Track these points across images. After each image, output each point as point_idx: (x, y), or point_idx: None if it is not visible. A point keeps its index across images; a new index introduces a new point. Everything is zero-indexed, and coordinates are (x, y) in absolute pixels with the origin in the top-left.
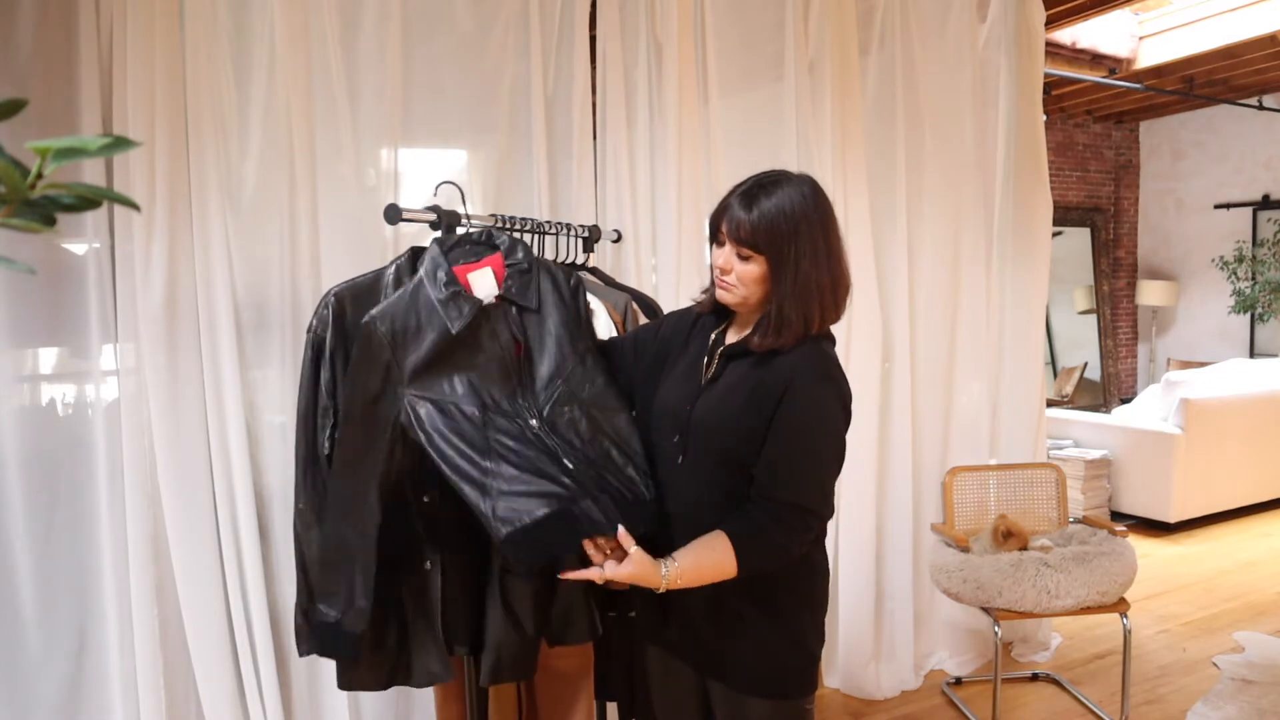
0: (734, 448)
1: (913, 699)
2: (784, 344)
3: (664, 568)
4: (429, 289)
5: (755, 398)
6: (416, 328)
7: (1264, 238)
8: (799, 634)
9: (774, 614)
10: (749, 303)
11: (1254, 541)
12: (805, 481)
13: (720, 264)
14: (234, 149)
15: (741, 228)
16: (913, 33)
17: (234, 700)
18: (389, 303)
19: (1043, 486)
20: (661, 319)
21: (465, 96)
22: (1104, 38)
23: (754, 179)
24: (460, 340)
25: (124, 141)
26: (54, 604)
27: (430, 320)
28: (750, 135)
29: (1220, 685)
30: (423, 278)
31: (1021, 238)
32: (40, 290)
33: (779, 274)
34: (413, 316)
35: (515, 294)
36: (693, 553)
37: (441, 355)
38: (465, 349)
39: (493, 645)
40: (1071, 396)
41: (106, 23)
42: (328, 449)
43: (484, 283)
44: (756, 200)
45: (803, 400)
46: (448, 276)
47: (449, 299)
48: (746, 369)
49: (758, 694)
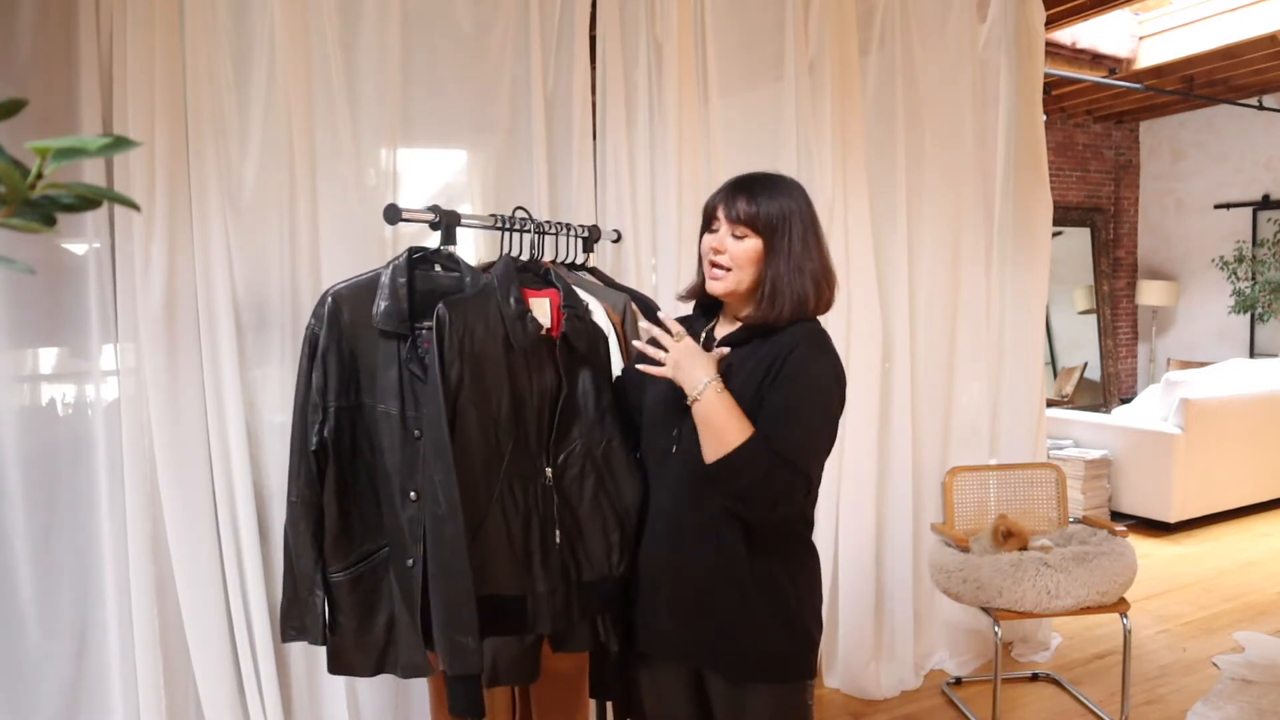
0: None
1: (913, 699)
2: (778, 317)
3: (708, 380)
4: (500, 301)
5: (757, 375)
6: (484, 334)
7: (1264, 238)
8: (796, 615)
9: (771, 596)
10: (739, 289)
11: (1254, 541)
12: (801, 441)
13: (714, 245)
14: (234, 149)
15: (740, 209)
16: (913, 33)
17: (234, 700)
18: (462, 298)
19: (1043, 486)
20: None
21: (465, 96)
22: (1104, 38)
23: (748, 174)
24: (516, 359)
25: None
26: (54, 604)
27: (495, 330)
28: (750, 135)
29: (1220, 685)
30: (495, 285)
31: (1021, 238)
32: (40, 290)
33: (773, 253)
34: (481, 322)
35: (574, 336)
36: (730, 404)
37: (494, 368)
38: (518, 371)
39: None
40: (1071, 396)
41: (106, 23)
42: (315, 444)
43: (541, 312)
44: (754, 187)
45: (801, 365)
46: (519, 295)
47: (517, 315)
48: (743, 356)
49: (757, 679)
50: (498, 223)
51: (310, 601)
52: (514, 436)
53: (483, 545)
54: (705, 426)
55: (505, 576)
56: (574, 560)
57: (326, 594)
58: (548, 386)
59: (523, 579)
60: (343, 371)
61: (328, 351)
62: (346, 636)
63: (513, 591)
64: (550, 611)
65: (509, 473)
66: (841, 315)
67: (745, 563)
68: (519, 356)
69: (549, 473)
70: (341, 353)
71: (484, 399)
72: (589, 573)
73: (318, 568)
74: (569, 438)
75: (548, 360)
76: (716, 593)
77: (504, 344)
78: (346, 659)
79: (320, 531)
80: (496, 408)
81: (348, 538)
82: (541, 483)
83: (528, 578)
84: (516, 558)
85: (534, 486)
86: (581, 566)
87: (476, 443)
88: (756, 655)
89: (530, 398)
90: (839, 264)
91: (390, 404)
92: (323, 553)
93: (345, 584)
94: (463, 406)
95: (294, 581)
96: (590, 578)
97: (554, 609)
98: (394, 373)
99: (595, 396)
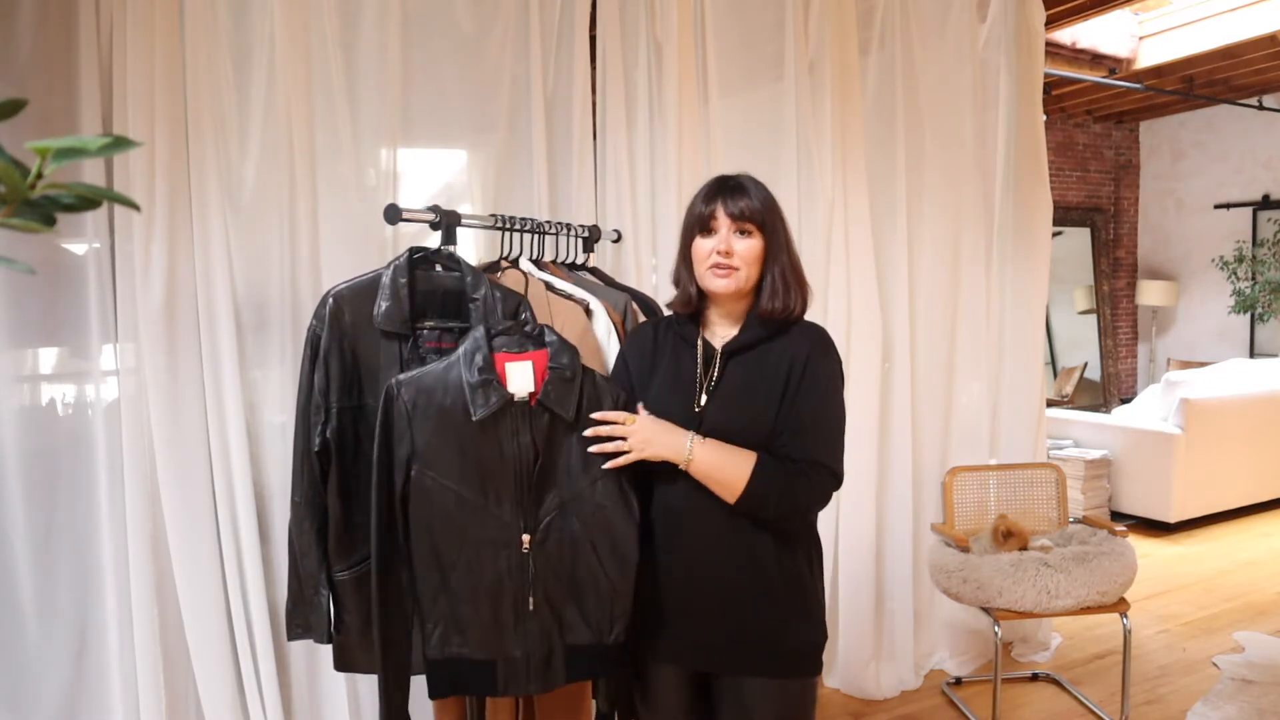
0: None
1: (913, 699)
2: (790, 311)
3: (689, 439)
4: (462, 369)
5: (774, 379)
6: (439, 404)
7: (1264, 238)
8: (816, 606)
9: (796, 590)
10: (746, 286)
11: (1254, 541)
12: (830, 444)
13: (721, 247)
14: (234, 149)
15: (745, 206)
16: (913, 33)
17: (234, 700)
18: (420, 372)
19: (1043, 486)
20: (619, 360)
21: (465, 96)
22: (1104, 38)
23: (719, 179)
24: (480, 428)
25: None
26: (54, 604)
27: (455, 400)
28: (750, 135)
29: (1220, 685)
30: (460, 358)
31: (1021, 238)
32: (40, 290)
33: (773, 247)
34: (439, 391)
35: (553, 401)
36: (719, 446)
37: (457, 438)
38: (484, 439)
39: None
40: (1071, 396)
41: (106, 23)
42: (318, 444)
43: (521, 377)
44: (744, 189)
45: (821, 371)
46: (484, 362)
47: (479, 384)
48: (751, 362)
49: (770, 674)
50: (498, 223)
51: (315, 601)
52: (480, 504)
53: (447, 608)
54: (709, 480)
55: (472, 640)
56: (558, 624)
57: (331, 593)
58: (525, 453)
59: (492, 644)
60: (344, 372)
61: (329, 352)
62: (351, 635)
63: (480, 656)
64: (527, 673)
65: (475, 539)
66: (841, 315)
67: (774, 560)
68: (489, 423)
69: (525, 540)
70: (343, 353)
71: (442, 468)
72: (577, 636)
73: (322, 567)
74: (548, 505)
75: (525, 426)
76: (745, 594)
77: (464, 413)
78: (351, 656)
79: (324, 531)
80: (459, 477)
81: (351, 538)
82: (517, 550)
83: (498, 643)
84: (484, 623)
85: (507, 554)
86: (567, 630)
87: (435, 510)
88: (772, 652)
89: (502, 465)
90: (839, 264)
91: None
92: (327, 552)
93: (350, 583)
94: (416, 476)
95: (299, 581)
96: (579, 641)
97: (531, 670)
98: (395, 373)
99: (584, 460)
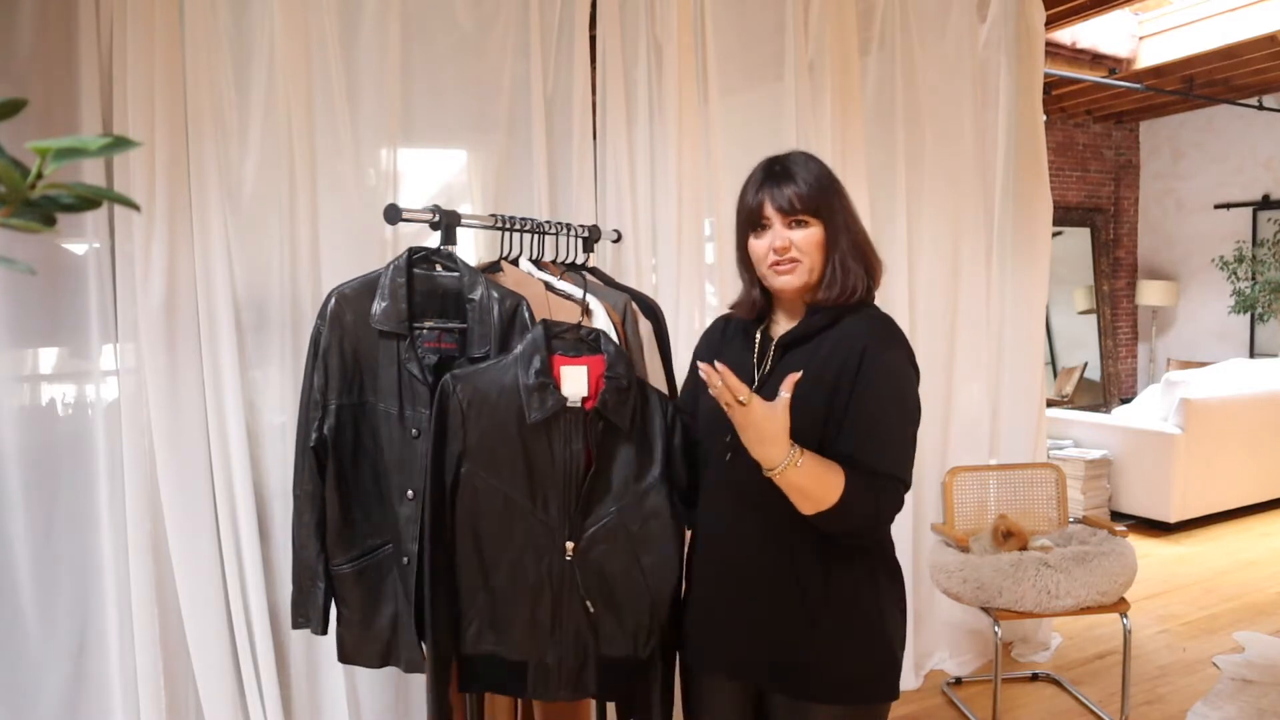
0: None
1: (913, 699)
2: (849, 297)
3: (787, 459)
4: (519, 370)
5: (826, 375)
6: (493, 403)
7: (1264, 238)
8: (879, 631)
9: (847, 610)
10: (811, 279)
11: (1254, 541)
12: (896, 451)
13: (777, 245)
14: (234, 149)
15: (793, 198)
16: (913, 33)
17: (234, 700)
18: (475, 368)
19: (1043, 486)
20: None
21: (465, 96)
22: (1104, 38)
23: (765, 164)
24: (533, 431)
25: (124, 141)
26: (54, 604)
27: (510, 401)
28: (750, 135)
29: (1220, 685)
30: (516, 358)
31: (1021, 238)
32: (40, 290)
33: (833, 233)
34: (494, 390)
35: (610, 410)
36: (813, 465)
37: (509, 439)
38: (535, 442)
39: None
40: (1071, 396)
41: (106, 23)
42: (314, 440)
43: (575, 381)
44: (791, 173)
45: (882, 369)
46: (542, 364)
47: (536, 387)
48: (806, 355)
49: (835, 700)
50: (497, 223)
51: (312, 592)
52: (528, 507)
53: (486, 606)
54: (791, 491)
55: (507, 641)
56: (595, 633)
57: (329, 585)
58: (575, 459)
59: (526, 646)
60: (344, 370)
61: (329, 350)
62: (351, 628)
63: (513, 657)
64: (558, 680)
65: (520, 542)
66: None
67: (819, 574)
68: (541, 427)
69: (569, 546)
70: (343, 352)
71: (493, 469)
72: (613, 647)
73: (320, 559)
74: (597, 514)
75: (577, 432)
76: (782, 606)
77: (518, 415)
78: (352, 649)
79: (323, 524)
80: (508, 479)
81: (350, 531)
82: (560, 556)
83: (532, 646)
84: (520, 625)
85: (549, 559)
86: (603, 640)
87: (482, 509)
88: (839, 676)
89: (552, 470)
90: None
91: (390, 403)
92: (325, 545)
93: (350, 576)
94: (466, 475)
95: (299, 571)
96: (613, 653)
97: (562, 677)
98: (393, 372)
99: (636, 470)
